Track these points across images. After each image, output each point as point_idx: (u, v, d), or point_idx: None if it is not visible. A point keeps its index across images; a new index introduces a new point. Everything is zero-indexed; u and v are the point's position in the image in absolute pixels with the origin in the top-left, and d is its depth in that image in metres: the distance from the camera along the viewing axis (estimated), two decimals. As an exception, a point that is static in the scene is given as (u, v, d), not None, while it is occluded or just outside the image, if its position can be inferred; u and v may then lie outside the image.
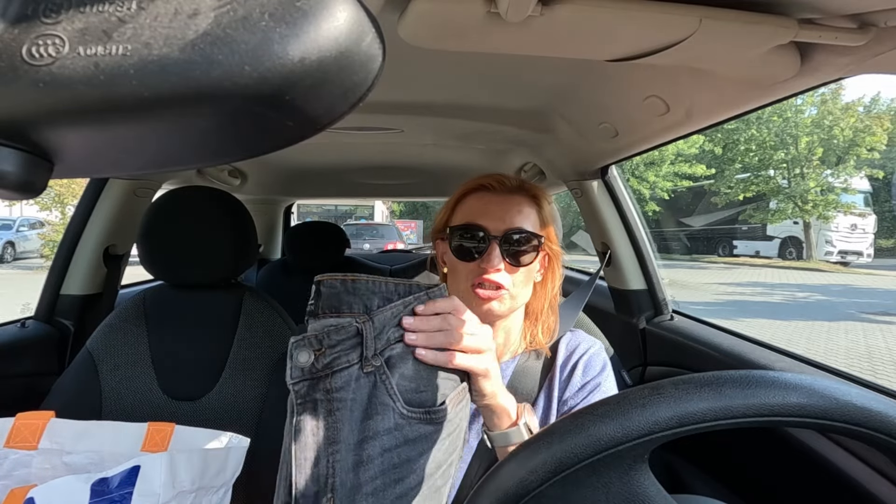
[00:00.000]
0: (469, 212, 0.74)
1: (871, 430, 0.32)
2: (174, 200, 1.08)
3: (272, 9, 0.18)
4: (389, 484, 0.44)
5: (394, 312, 0.47)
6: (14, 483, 0.67)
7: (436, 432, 0.47)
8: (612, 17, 0.55)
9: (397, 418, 0.45)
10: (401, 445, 0.45)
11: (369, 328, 0.45)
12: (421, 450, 0.46)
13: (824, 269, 12.66)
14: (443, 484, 0.48)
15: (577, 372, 0.76)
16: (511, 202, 0.73)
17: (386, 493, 0.44)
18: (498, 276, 0.69)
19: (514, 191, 0.74)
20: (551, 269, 0.78)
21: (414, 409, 0.46)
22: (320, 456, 0.43)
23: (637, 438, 0.32)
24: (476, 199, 0.74)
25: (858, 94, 32.63)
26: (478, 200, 0.74)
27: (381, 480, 0.44)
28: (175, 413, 1.02)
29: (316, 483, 0.42)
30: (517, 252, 0.71)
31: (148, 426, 0.75)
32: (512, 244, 0.70)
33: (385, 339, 0.47)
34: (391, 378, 0.46)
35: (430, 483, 0.47)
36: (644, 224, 1.51)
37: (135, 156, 0.23)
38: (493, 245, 0.70)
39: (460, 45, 0.62)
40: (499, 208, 0.72)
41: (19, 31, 0.17)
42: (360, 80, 0.21)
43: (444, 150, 1.74)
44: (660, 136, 1.06)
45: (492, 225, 0.71)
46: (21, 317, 1.31)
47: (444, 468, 0.48)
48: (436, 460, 0.47)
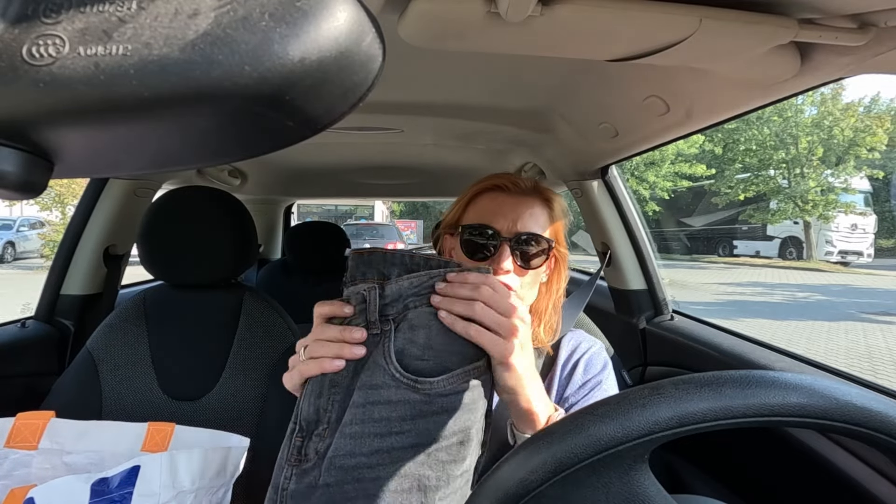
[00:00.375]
0: (482, 211, 0.74)
1: (871, 430, 0.32)
2: (174, 200, 1.08)
3: (272, 9, 0.18)
4: (367, 435, 0.46)
5: (414, 282, 0.50)
6: (14, 483, 0.67)
7: (424, 403, 0.47)
8: (612, 17, 0.55)
9: (387, 378, 0.47)
10: (382, 403, 0.47)
11: (374, 294, 0.49)
12: (403, 414, 0.47)
13: (824, 269, 12.66)
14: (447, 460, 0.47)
15: (577, 370, 0.76)
16: (524, 204, 0.73)
17: (363, 440, 0.46)
18: (507, 277, 0.70)
19: (527, 193, 0.74)
20: (557, 270, 0.78)
21: (405, 374, 0.47)
22: (323, 392, 0.49)
23: (637, 438, 0.32)
24: (489, 199, 0.74)
25: (859, 95, 32.62)
26: (491, 201, 0.74)
27: (359, 427, 0.46)
28: (175, 413, 1.02)
29: (316, 413, 0.48)
30: (527, 255, 0.71)
31: (148, 426, 0.75)
32: (522, 247, 0.70)
33: (402, 305, 0.50)
34: (391, 342, 0.48)
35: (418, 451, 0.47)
36: (644, 224, 1.51)
37: (135, 156, 0.23)
38: (503, 246, 0.70)
39: (460, 45, 0.62)
40: (511, 210, 0.72)
41: (19, 31, 0.17)
42: (360, 80, 0.21)
43: (444, 150, 1.74)
44: (660, 136, 1.06)
45: (504, 226, 0.71)
46: (21, 317, 1.31)
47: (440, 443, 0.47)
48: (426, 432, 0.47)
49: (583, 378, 0.75)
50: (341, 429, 0.47)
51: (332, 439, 0.47)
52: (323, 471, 0.46)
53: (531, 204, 0.73)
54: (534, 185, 0.76)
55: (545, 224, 0.74)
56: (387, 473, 0.46)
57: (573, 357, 0.78)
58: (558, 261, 0.77)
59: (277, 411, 1.01)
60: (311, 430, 0.48)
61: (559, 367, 0.77)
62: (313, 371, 0.49)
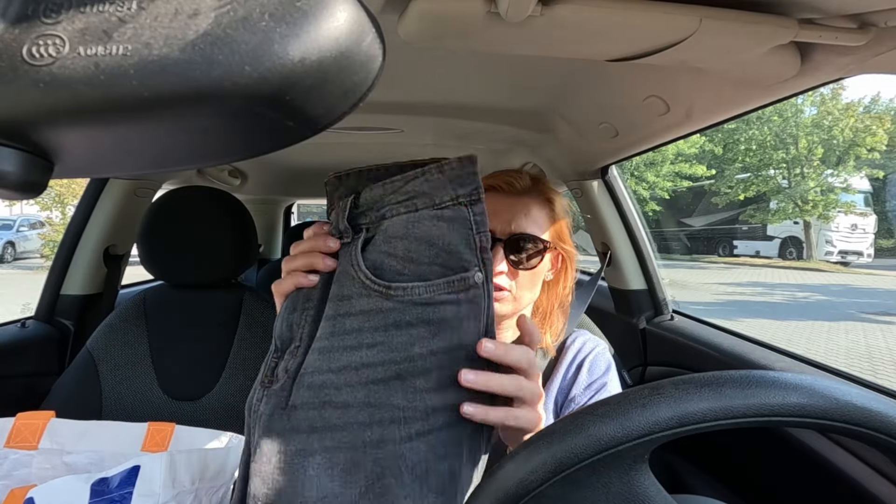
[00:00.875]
0: None
1: (871, 430, 0.32)
2: (174, 200, 1.08)
3: (272, 9, 0.18)
4: (337, 349, 0.42)
5: (389, 188, 0.45)
6: (14, 483, 0.67)
7: (397, 311, 0.42)
8: (612, 17, 0.55)
9: (357, 287, 0.43)
10: (354, 314, 0.42)
11: (346, 202, 0.46)
12: (375, 325, 0.42)
13: (824, 269, 12.66)
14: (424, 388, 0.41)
15: (583, 370, 0.76)
16: (520, 204, 0.72)
17: (332, 355, 0.42)
18: (500, 278, 0.69)
19: (523, 192, 0.73)
20: (564, 269, 0.77)
21: (375, 280, 0.42)
22: (297, 307, 0.46)
23: (637, 438, 0.32)
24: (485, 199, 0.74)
25: (859, 95, 32.63)
26: (486, 201, 0.74)
27: (328, 342, 0.42)
28: (175, 413, 1.02)
29: (290, 329, 0.45)
30: (522, 256, 0.70)
31: (148, 426, 0.75)
32: (517, 248, 0.70)
33: (377, 214, 0.45)
34: (358, 249, 0.44)
35: (390, 372, 0.41)
36: (644, 224, 1.51)
37: (135, 156, 0.23)
38: (497, 248, 0.69)
39: (460, 45, 0.62)
40: (506, 210, 0.71)
41: (20, 31, 0.17)
42: (360, 80, 0.21)
43: (444, 150, 1.74)
44: (660, 136, 1.06)
45: (498, 227, 0.70)
46: (21, 317, 1.31)
47: (417, 363, 0.41)
48: (400, 347, 0.41)
49: (588, 378, 0.75)
50: (313, 344, 0.43)
51: (304, 357, 0.43)
52: (293, 391, 0.42)
53: (528, 203, 0.72)
54: (533, 182, 0.75)
55: (544, 223, 0.73)
56: (355, 399, 0.41)
57: (577, 357, 0.77)
58: (565, 259, 0.76)
59: (277, 411, 1.01)
60: (284, 348, 0.45)
61: (562, 368, 0.77)
62: (288, 286, 0.47)
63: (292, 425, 0.42)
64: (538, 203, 0.73)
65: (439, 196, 0.44)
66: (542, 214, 0.73)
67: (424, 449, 0.41)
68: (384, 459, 0.41)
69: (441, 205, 0.44)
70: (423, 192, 0.44)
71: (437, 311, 0.42)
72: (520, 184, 0.74)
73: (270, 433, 0.42)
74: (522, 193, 0.73)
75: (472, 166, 0.45)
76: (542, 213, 0.73)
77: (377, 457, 0.41)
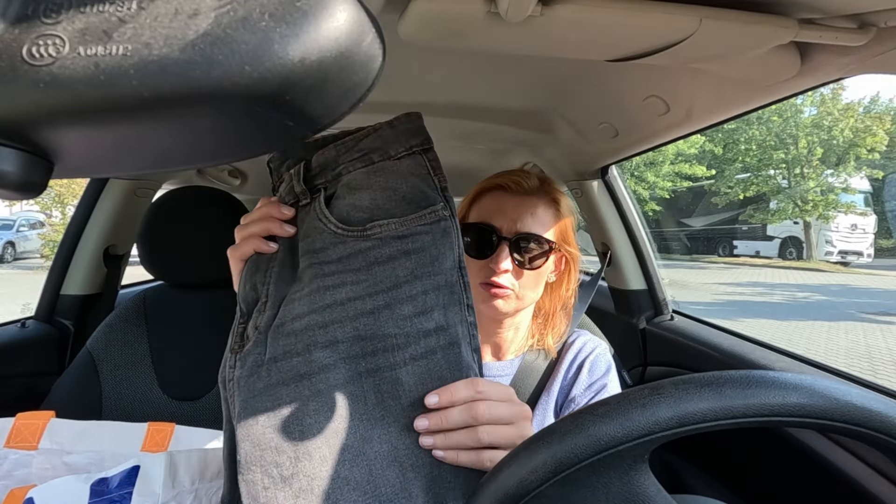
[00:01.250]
0: (484, 211, 0.73)
1: (871, 430, 0.32)
2: (174, 200, 1.08)
3: (272, 9, 0.18)
4: (319, 290, 0.43)
5: (341, 148, 0.46)
6: (14, 483, 0.67)
7: (377, 248, 0.43)
8: (612, 17, 0.55)
9: (328, 237, 0.44)
10: (332, 262, 0.43)
11: (299, 168, 0.47)
12: (357, 265, 0.43)
13: (824, 269, 12.65)
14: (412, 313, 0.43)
15: (583, 371, 0.76)
16: (527, 204, 0.72)
17: (315, 297, 0.42)
18: (505, 277, 0.70)
19: (531, 192, 0.73)
20: (567, 271, 0.77)
21: (349, 227, 0.44)
22: (260, 269, 0.46)
23: (637, 438, 0.32)
24: (492, 198, 0.74)
25: (859, 95, 32.62)
26: (493, 200, 0.74)
27: (308, 288, 0.43)
28: (175, 413, 1.02)
29: (254, 290, 0.46)
30: (527, 255, 0.70)
31: (148, 426, 0.75)
32: (522, 247, 0.70)
33: (332, 173, 0.46)
34: (321, 204, 0.45)
35: (377, 303, 0.42)
36: (644, 224, 1.51)
37: (135, 156, 0.23)
38: (502, 246, 0.70)
39: (460, 45, 0.62)
40: (513, 210, 0.71)
41: (20, 31, 0.17)
42: (360, 81, 0.21)
43: (444, 150, 1.73)
44: (660, 136, 1.06)
45: (504, 226, 0.70)
46: (21, 317, 1.31)
47: (402, 289, 0.43)
48: (385, 278, 0.43)
49: (588, 379, 0.75)
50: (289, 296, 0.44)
51: (274, 311, 0.44)
52: (269, 344, 0.43)
53: (534, 203, 0.72)
54: (540, 183, 0.75)
55: (550, 224, 0.73)
56: (343, 335, 0.41)
57: (578, 358, 0.77)
58: (568, 261, 0.76)
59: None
60: (250, 309, 0.46)
61: (563, 368, 0.77)
62: (247, 250, 0.47)
63: (276, 379, 0.41)
64: (545, 203, 0.73)
65: (394, 148, 0.46)
66: (548, 215, 0.73)
67: (421, 371, 0.43)
68: (382, 384, 0.42)
69: (396, 156, 0.46)
70: (377, 148, 0.46)
71: (415, 241, 0.44)
72: (527, 183, 0.74)
73: (253, 393, 0.41)
74: (529, 193, 0.73)
75: (419, 121, 0.48)
76: (548, 213, 0.73)
77: (376, 384, 0.42)
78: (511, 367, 0.77)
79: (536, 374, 0.77)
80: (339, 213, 0.45)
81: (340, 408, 0.41)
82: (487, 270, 0.70)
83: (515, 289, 0.70)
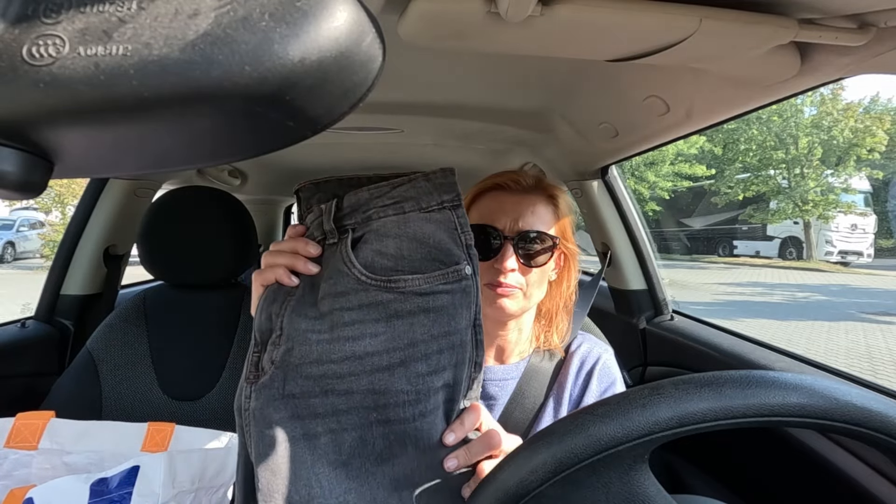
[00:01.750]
0: (484, 211, 0.73)
1: (871, 431, 0.32)
2: (174, 200, 1.08)
3: (272, 9, 0.18)
4: (338, 339, 0.44)
5: (375, 192, 0.47)
6: (14, 483, 0.67)
7: (398, 301, 0.44)
8: (612, 17, 0.55)
9: (352, 283, 0.45)
10: (353, 308, 0.44)
11: (330, 205, 0.47)
12: (377, 316, 0.44)
13: (824, 270, 12.65)
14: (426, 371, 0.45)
15: (593, 381, 0.75)
16: (526, 202, 0.72)
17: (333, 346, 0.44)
18: (511, 276, 0.69)
19: (529, 190, 0.73)
20: (567, 268, 0.77)
21: (373, 276, 0.45)
22: (277, 300, 0.47)
23: (637, 438, 0.32)
24: (491, 198, 0.74)
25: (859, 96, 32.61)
26: (493, 200, 0.74)
27: (328, 334, 0.44)
28: (175, 413, 1.02)
29: (269, 320, 0.47)
30: (531, 253, 0.70)
31: (148, 426, 0.75)
32: (526, 245, 0.70)
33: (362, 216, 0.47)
34: (348, 247, 0.46)
35: (393, 359, 0.44)
36: (644, 224, 1.51)
37: (135, 156, 0.23)
38: (506, 245, 0.69)
39: (460, 45, 0.62)
40: (513, 209, 0.71)
41: (20, 31, 0.17)
42: (360, 81, 0.21)
43: (444, 150, 1.74)
44: (660, 136, 1.06)
45: (506, 225, 0.70)
46: (21, 317, 1.31)
47: (419, 347, 0.45)
48: (402, 335, 0.44)
49: (598, 389, 0.75)
50: (305, 335, 0.44)
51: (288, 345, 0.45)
52: (286, 380, 0.44)
53: (533, 201, 0.72)
54: (536, 181, 0.75)
55: (550, 221, 0.73)
56: (359, 386, 0.44)
57: (586, 364, 0.77)
58: (567, 258, 0.76)
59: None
60: (265, 340, 0.46)
61: (571, 374, 0.77)
62: (269, 278, 0.48)
63: (292, 413, 0.44)
64: (543, 200, 0.73)
65: (426, 201, 0.47)
66: (547, 212, 0.73)
67: (427, 427, 0.45)
68: (391, 435, 0.45)
69: (428, 208, 0.47)
70: (411, 198, 0.47)
71: (435, 300, 0.45)
72: (525, 181, 0.74)
73: (270, 424, 0.44)
74: (528, 191, 0.73)
75: (452, 177, 0.49)
76: (547, 210, 0.73)
77: (384, 433, 0.45)
78: (517, 370, 0.77)
79: (543, 377, 0.76)
80: (364, 257, 0.45)
81: (349, 446, 0.44)
82: (493, 272, 0.70)
83: (523, 287, 0.70)
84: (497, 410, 0.76)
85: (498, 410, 0.76)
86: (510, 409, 0.75)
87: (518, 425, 0.74)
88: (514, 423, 0.74)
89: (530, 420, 0.74)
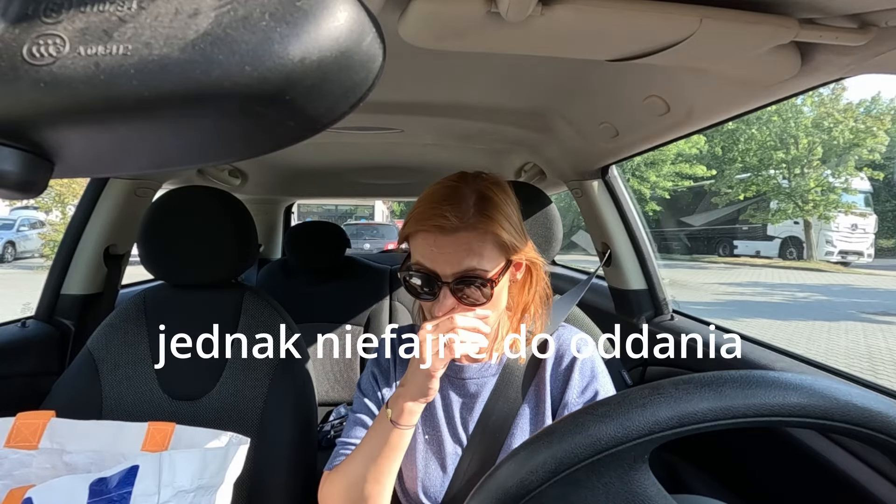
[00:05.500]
0: (420, 252, 0.70)
1: (871, 431, 0.32)
2: (174, 200, 1.08)
3: (272, 9, 0.18)
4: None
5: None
6: (14, 483, 0.67)
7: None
8: (612, 17, 0.55)
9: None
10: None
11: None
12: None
13: (825, 269, 12.64)
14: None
15: (574, 374, 0.76)
16: (459, 242, 0.67)
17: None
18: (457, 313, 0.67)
19: (461, 227, 0.67)
20: (529, 269, 0.76)
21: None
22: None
23: (637, 438, 0.32)
24: (423, 239, 0.69)
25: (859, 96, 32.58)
26: (426, 243, 0.69)
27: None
28: (175, 413, 1.02)
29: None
30: (469, 293, 0.67)
31: (148, 426, 0.75)
32: (464, 288, 0.67)
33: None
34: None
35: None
36: (644, 224, 1.51)
37: (135, 156, 0.23)
38: (444, 291, 0.67)
39: (460, 45, 0.62)
40: (447, 251, 0.67)
41: (20, 30, 0.17)
42: (361, 80, 0.21)
43: (445, 150, 1.74)
44: (660, 136, 1.06)
45: (442, 269, 0.67)
46: (21, 316, 1.31)
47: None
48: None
49: (581, 381, 0.76)
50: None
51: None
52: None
53: (466, 240, 0.67)
54: (468, 214, 0.67)
55: (491, 252, 0.68)
56: None
57: (565, 358, 0.78)
58: (526, 265, 0.75)
59: (278, 411, 1.01)
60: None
61: (549, 368, 0.78)
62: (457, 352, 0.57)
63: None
64: (478, 234, 0.67)
65: None
66: (484, 245, 0.67)
67: None
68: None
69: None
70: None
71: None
72: (456, 217, 0.67)
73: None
74: (460, 229, 0.67)
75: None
76: (483, 244, 0.67)
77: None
78: (496, 367, 0.78)
79: (522, 372, 0.77)
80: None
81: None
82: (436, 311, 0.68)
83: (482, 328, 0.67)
84: (478, 407, 0.76)
85: (479, 407, 0.76)
86: (491, 405, 0.76)
87: (500, 420, 0.75)
88: (496, 419, 0.75)
89: (513, 415, 0.75)
